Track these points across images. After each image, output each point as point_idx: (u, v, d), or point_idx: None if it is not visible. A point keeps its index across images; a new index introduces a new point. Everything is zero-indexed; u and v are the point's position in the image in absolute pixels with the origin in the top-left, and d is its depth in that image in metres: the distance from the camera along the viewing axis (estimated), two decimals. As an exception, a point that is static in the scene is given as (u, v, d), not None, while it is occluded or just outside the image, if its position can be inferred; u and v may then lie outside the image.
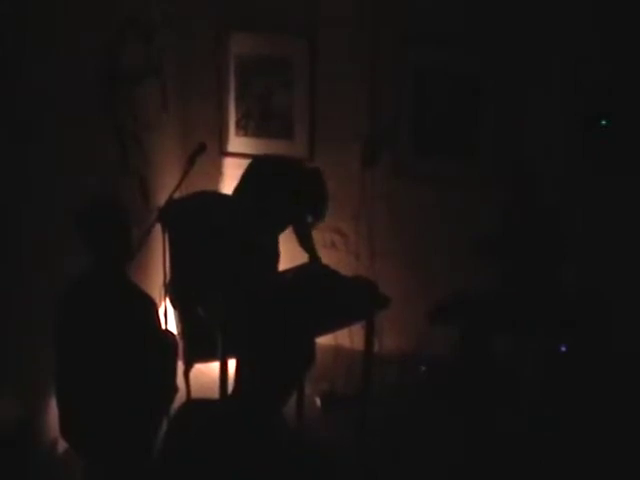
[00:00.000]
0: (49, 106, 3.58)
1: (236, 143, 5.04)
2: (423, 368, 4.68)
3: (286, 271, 4.28)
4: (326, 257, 4.50)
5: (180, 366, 3.79)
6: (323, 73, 4.77)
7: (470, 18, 4.40)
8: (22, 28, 3.37)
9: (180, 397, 3.56)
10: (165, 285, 3.97)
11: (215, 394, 3.91)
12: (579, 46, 4.25)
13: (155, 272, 4.29)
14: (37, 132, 3.53)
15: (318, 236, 4.92)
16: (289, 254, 4.43)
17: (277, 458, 2.67)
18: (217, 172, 5.07)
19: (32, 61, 3.46)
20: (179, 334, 4.17)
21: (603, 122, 4.31)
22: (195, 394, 4.20)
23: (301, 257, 4.39)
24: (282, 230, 4.28)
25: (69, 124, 3.74)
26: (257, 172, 4.12)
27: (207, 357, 4.18)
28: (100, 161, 4.04)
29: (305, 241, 4.35)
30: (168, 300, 4.12)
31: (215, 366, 4.04)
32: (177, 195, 3.97)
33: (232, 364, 3.76)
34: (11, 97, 3.36)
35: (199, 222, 4.08)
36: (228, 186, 4.66)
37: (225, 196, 4.40)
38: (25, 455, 3.38)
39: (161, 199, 4.21)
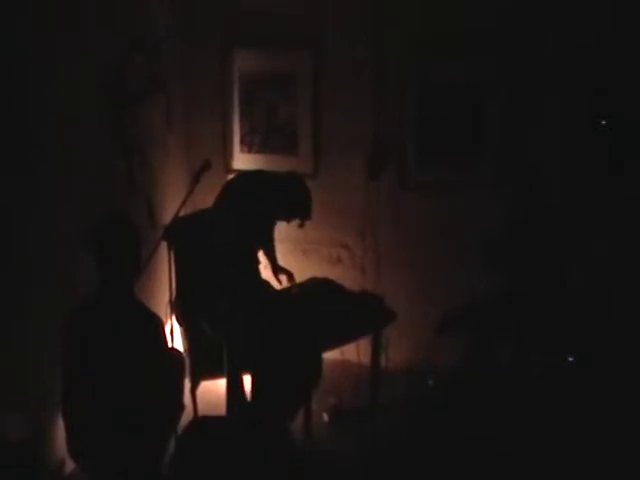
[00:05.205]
0: (55, 124, 3.59)
1: (241, 160, 5.05)
2: (430, 382, 4.67)
3: (292, 287, 4.29)
4: (332, 272, 4.49)
5: (187, 384, 3.79)
6: (327, 87, 4.78)
7: (471, 25, 4.42)
8: (27, 46, 3.38)
9: (187, 415, 3.56)
10: (171, 303, 3.97)
11: (222, 411, 3.90)
12: (580, 47, 4.27)
13: (161, 290, 4.30)
14: (43, 151, 3.54)
15: (324, 251, 4.95)
16: (293, 269, 4.45)
17: (284, 473, 2.67)
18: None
19: (37, 81, 3.47)
20: (185, 352, 4.17)
21: (604, 122, 4.32)
22: (202, 411, 4.20)
23: (307, 273, 4.41)
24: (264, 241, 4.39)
25: (75, 142, 3.74)
26: (240, 187, 4.17)
27: (213, 374, 4.18)
28: (106, 178, 4.05)
29: (270, 251, 4.44)
30: (174, 318, 4.12)
31: (222, 383, 4.04)
32: (182, 213, 3.98)
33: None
34: (17, 115, 3.38)
35: (204, 239, 4.09)
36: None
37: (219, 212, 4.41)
38: (32, 475, 3.37)
39: (166, 217, 4.21)
